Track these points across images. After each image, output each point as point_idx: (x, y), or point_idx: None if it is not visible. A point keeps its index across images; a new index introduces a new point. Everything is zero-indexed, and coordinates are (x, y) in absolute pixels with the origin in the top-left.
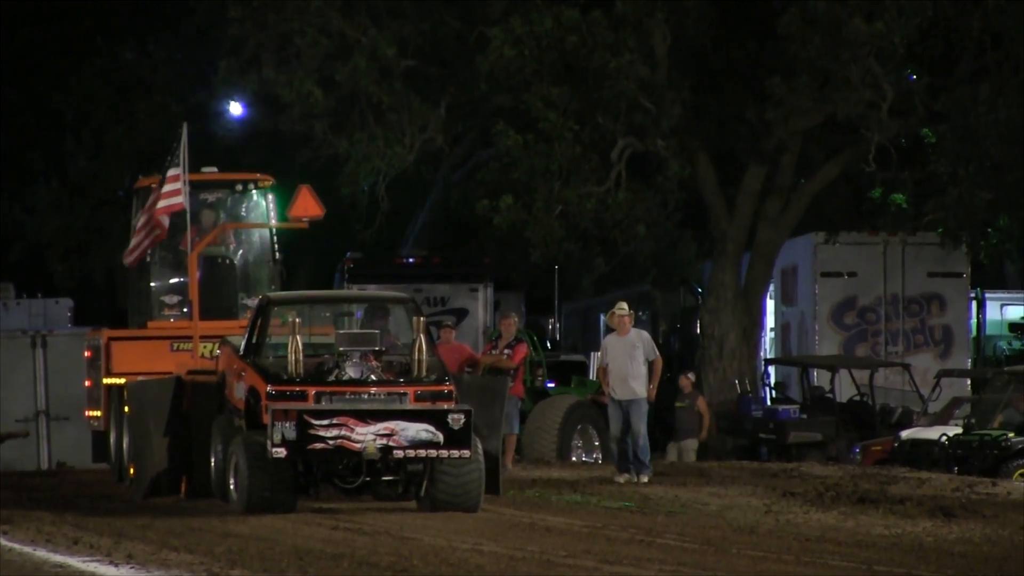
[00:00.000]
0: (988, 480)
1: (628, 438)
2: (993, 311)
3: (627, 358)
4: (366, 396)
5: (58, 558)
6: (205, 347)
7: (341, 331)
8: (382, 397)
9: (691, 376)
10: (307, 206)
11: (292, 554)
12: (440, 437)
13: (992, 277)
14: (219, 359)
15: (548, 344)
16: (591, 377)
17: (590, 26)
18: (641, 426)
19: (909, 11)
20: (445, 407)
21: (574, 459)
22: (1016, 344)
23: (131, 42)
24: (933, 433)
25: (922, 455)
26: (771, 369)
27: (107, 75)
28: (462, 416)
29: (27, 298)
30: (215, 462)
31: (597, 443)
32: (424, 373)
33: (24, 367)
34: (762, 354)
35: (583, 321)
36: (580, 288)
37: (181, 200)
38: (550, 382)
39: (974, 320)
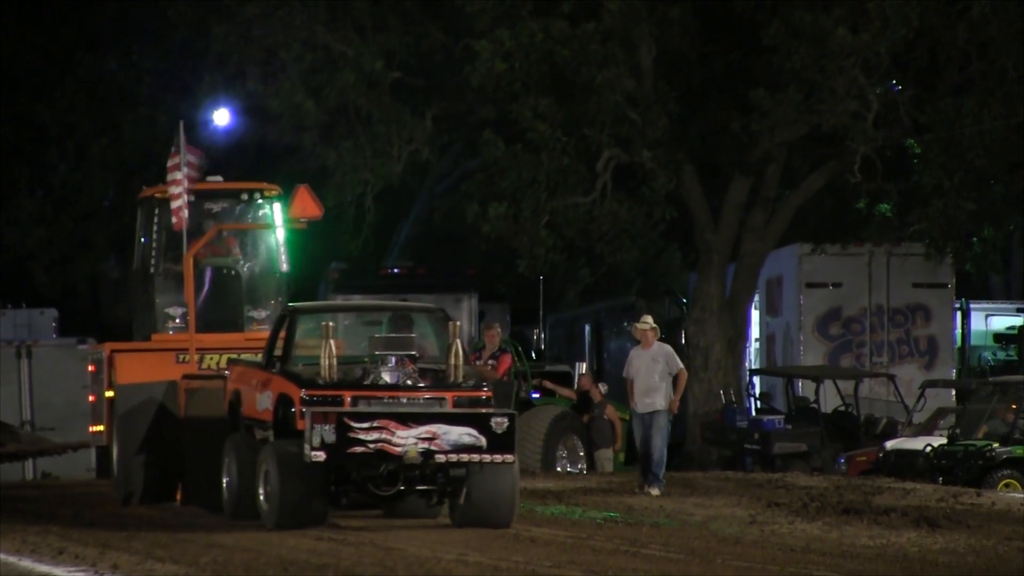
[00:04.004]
0: (973, 490)
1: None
2: (978, 322)
3: (649, 371)
4: (404, 400)
5: (43, 568)
6: (211, 359)
7: (376, 335)
8: (420, 402)
9: (601, 386)
10: (305, 206)
11: (277, 564)
12: (483, 441)
13: (977, 288)
14: (229, 379)
15: (533, 355)
16: (574, 385)
17: (581, 40)
18: (658, 439)
19: (894, 21)
20: (487, 411)
21: (559, 469)
22: (1001, 354)
23: (115, 53)
24: (918, 444)
25: (907, 465)
26: (756, 379)
27: (91, 86)
28: (505, 420)
29: (12, 308)
30: (228, 481)
31: (582, 453)
32: (461, 379)
33: (9, 378)
34: (747, 365)
35: (568, 332)
36: (565, 299)
37: (181, 204)
38: (535, 392)
39: (959, 331)
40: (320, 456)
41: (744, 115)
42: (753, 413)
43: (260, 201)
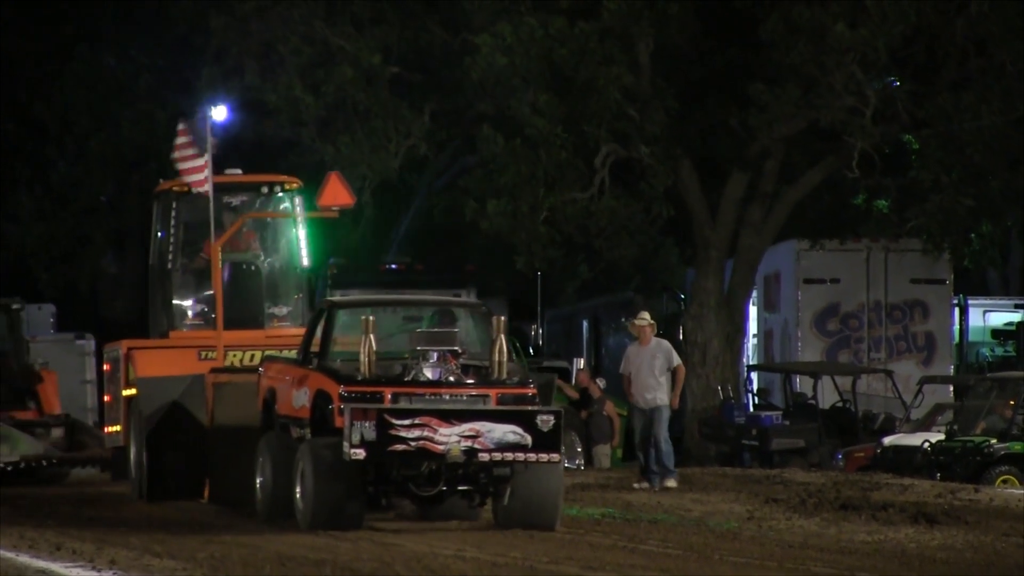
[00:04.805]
0: (970, 486)
1: (651, 446)
2: (976, 318)
3: (648, 367)
4: (447, 397)
5: (40, 563)
6: (233, 356)
7: (418, 330)
8: (463, 399)
9: (600, 382)
10: (337, 194)
11: (274, 560)
12: (528, 440)
13: (975, 284)
14: (262, 376)
15: (531, 350)
16: (572, 381)
17: (580, 39)
18: (662, 433)
19: (892, 17)
20: (532, 409)
21: None
22: (998, 351)
23: (114, 48)
24: (916, 439)
25: (905, 461)
26: (754, 375)
27: (89, 82)
28: (552, 418)
29: None
30: (262, 481)
31: (579, 449)
32: (505, 375)
33: None
34: (745, 360)
35: (566, 328)
36: (563, 295)
37: (207, 188)
38: None
39: (957, 327)
40: (360, 454)
41: (742, 110)
42: (751, 409)
43: (281, 194)
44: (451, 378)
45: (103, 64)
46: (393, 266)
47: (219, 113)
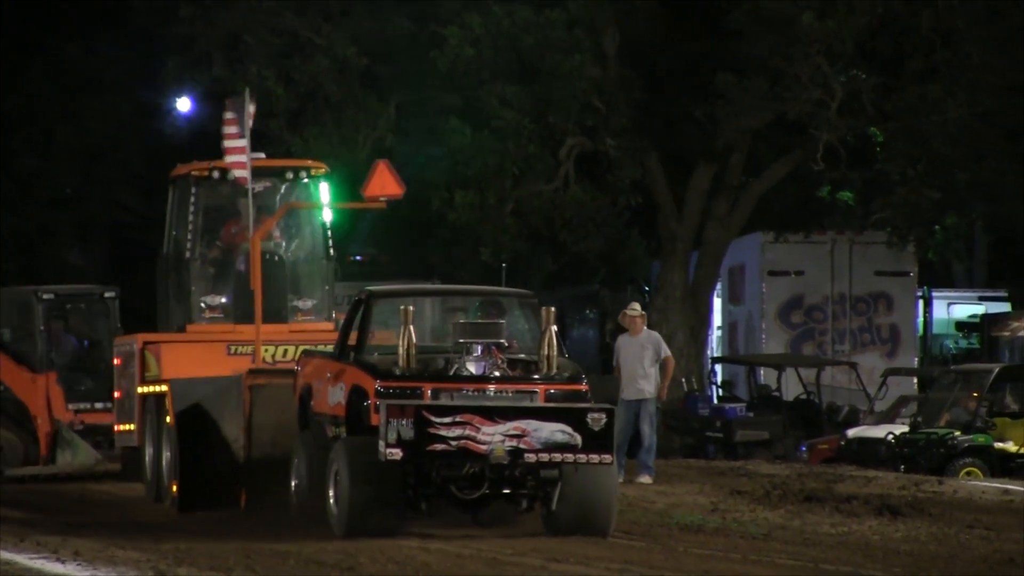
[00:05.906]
0: (934, 478)
1: (627, 440)
2: (940, 310)
3: (637, 358)
4: (491, 394)
5: (5, 555)
6: (266, 351)
7: (461, 321)
8: (509, 395)
9: None
10: (385, 184)
11: (239, 552)
12: (578, 440)
13: (939, 276)
14: (300, 372)
15: None
16: None
17: (544, 28)
18: (647, 427)
19: (859, 9)
20: (582, 406)
21: None
22: (963, 343)
23: (79, 40)
24: (880, 432)
25: (869, 453)
26: (718, 368)
27: (55, 74)
28: (603, 416)
29: None
30: (297, 483)
31: None
32: (555, 370)
33: None
34: (709, 353)
35: None
36: (529, 287)
37: (246, 174)
38: None
39: (921, 319)
40: (396, 454)
41: (709, 102)
42: (715, 401)
43: (306, 180)
44: (496, 373)
45: (69, 56)
46: (358, 257)
47: (183, 104)
